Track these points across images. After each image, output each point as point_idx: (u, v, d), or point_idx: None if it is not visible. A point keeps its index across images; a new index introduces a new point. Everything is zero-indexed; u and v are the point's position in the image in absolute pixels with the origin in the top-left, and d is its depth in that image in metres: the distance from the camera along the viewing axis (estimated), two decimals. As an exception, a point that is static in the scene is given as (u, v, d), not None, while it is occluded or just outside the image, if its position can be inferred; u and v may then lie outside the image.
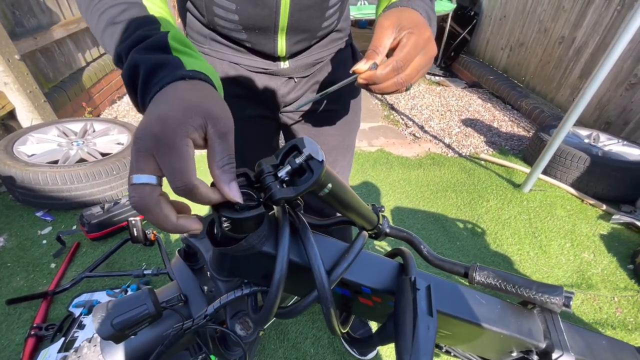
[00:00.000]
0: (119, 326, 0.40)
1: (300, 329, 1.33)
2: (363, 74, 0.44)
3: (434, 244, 1.79)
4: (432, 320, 0.32)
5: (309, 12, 0.61)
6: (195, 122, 0.30)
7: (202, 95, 0.33)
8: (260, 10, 0.59)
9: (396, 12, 0.46)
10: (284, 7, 0.59)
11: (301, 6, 0.60)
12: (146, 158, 0.29)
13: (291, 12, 0.60)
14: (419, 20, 0.45)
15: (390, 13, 0.46)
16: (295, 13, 0.60)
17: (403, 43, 0.43)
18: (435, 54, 0.46)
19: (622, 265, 1.72)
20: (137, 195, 0.28)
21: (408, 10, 0.47)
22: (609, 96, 2.62)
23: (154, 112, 0.30)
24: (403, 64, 0.43)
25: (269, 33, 0.63)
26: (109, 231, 1.61)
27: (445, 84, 3.96)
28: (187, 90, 0.33)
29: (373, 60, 0.43)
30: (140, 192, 0.28)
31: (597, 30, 2.72)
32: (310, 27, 0.64)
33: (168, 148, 0.28)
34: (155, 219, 0.29)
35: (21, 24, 2.08)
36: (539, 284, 0.42)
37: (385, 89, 0.44)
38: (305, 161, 0.30)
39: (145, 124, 0.29)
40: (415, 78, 0.45)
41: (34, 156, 1.78)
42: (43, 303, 1.29)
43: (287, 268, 0.32)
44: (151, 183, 0.28)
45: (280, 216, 0.34)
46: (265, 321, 0.36)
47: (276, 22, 0.61)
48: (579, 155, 2.11)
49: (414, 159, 2.55)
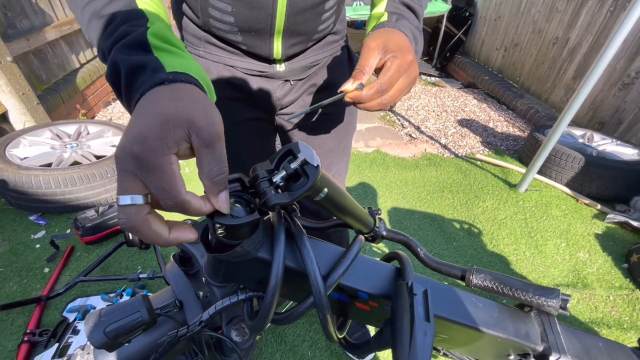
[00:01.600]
0: (112, 334, 0.39)
1: (297, 331, 1.32)
2: (350, 94, 0.47)
3: (430, 245, 1.79)
4: (429, 326, 0.31)
5: (305, 15, 0.61)
6: (176, 136, 0.28)
7: (182, 103, 0.30)
8: (257, 12, 0.59)
9: (383, 34, 0.50)
10: (280, 10, 0.59)
11: (297, 9, 0.59)
12: (130, 178, 0.28)
13: (287, 15, 0.59)
14: (404, 43, 0.49)
15: (378, 34, 0.50)
16: (292, 16, 0.60)
17: (387, 67, 0.47)
18: (417, 76, 0.50)
19: (617, 264, 1.73)
20: (124, 217, 0.27)
21: (394, 32, 0.51)
22: (603, 96, 2.65)
23: (133, 130, 0.28)
24: (387, 87, 0.46)
25: (265, 35, 0.63)
26: (104, 235, 1.59)
27: (441, 84, 3.97)
28: (166, 99, 0.30)
29: (359, 81, 0.46)
30: (126, 213, 0.27)
31: (590, 31, 2.75)
32: (306, 30, 0.64)
33: (150, 169, 0.27)
34: (146, 237, 0.28)
35: (13, 26, 2.06)
36: (536, 287, 0.42)
37: (369, 107, 0.48)
38: (301, 166, 0.29)
39: (123, 144, 0.28)
40: (398, 98, 0.49)
41: (26, 159, 1.76)
42: (36, 308, 1.27)
43: (283, 274, 0.32)
44: (137, 203, 0.27)
45: (275, 221, 0.34)
46: (261, 328, 0.35)
47: (272, 24, 0.61)
48: (574, 155, 2.13)
49: (411, 159, 2.56)
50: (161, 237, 0.29)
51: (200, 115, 0.29)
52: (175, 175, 0.28)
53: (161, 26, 0.38)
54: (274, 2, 0.57)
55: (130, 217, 0.27)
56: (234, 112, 0.77)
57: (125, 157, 0.27)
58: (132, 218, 0.27)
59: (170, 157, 0.28)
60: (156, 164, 0.27)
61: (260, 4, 0.57)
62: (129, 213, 0.27)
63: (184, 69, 0.34)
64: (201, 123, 0.29)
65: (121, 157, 0.27)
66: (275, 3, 0.57)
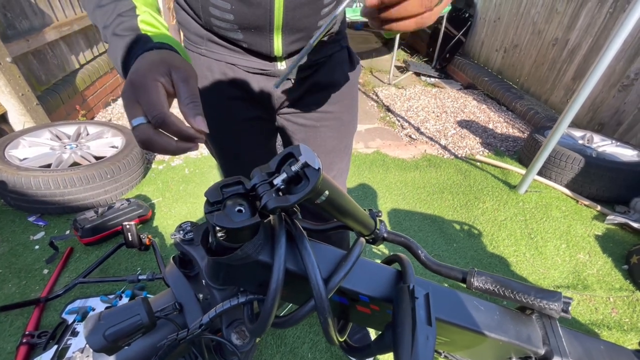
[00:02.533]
0: (111, 337, 0.39)
1: (297, 333, 1.32)
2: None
3: (430, 246, 1.79)
4: (431, 330, 0.31)
5: (304, 10, 0.61)
6: (160, 69, 0.39)
7: (166, 55, 0.42)
8: (255, 9, 0.59)
9: None
10: (277, 6, 0.59)
11: (295, 4, 0.60)
12: (133, 104, 0.37)
13: (285, 10, 0.60)
14: None
15: None
16: (290, 11, 0.60)
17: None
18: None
19: (617, 266, 1.73)
20: (139, 134, 0.37)
21: None
22: (602, 97, 2.65)
23: (131, 71, 0.39)
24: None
25: (265, 32, 0.63)
26: (103, 236, 1.59)
27: (441, 85, 3.98)
28: (155, 54, 0.42)
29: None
30: (140, 131, 0.37)
31: (590, 32, 2.75)
32: (305, 26, 0.64)
33: (142, 88, 0.37)
34: (159, 146, 0.38)
35: (13, 26, 2.06)
36: (537, 290, 0.41)
37: (405, 11, 0.32)
38: (301, 169, 0.29)
39: (126, 81, 0.38)
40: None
41: (26, 160, 1.76)
42: (35, 310, 1.27)
43: (284, 277, 0.31)
44: (145, 122, 0.37)
45: (276, 224, 0.33)
46: (262, 331, 0.35)
47: (271, 20, 0.61)
48: (574, 157, 2.13)
49: (410, 160, 2.55)
50: (171, 144, 0.38)
51: (178, 61, 0.41)
52: (160, 94, 0.38)
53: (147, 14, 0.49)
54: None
55: (142, 132, 0.37)
56: (235, 111, 0.77)
57: (126, 88, 0.38)
58: (144, 133, 0.37)
59: (157, 82, 0.38)
60: (146, 84, 0.37)
61: (258, 0, 0.58)
62: (142, 130, 0.37)
63: (167, 42, 0.46)
64: (179, 65, 0.40)
65: (124, 89, 0.38)
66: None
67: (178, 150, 0.39)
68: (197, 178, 2.17)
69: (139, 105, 0.37)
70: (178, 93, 0.39)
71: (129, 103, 0.37)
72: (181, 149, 0.39)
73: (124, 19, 0.47)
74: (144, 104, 0.37)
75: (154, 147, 0.38)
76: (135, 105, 0.37)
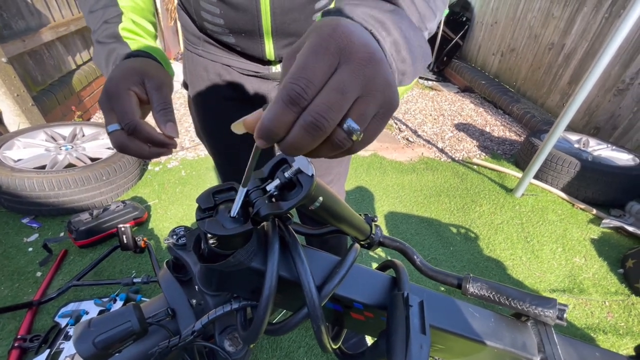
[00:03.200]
0: (101, 345, 0.38)
1: (293, 337, 1.31)
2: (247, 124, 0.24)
3: (427, 249, 1.79)
4: (425, 339, 0.31)
5: (293, 15, 0.61)
6: (134, 78, 0.42)
7: (140, 63, 0.45)
8: (242, 14, 0.59)
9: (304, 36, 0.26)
10: (264, 11, 0.59)
11: (283, 9, 0.59)
12: (109, 112, 0.41)
13: (274, 15, 0.60)
14: (332, 21, 0.24)
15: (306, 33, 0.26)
16: (279, 16, 0.60)
17: (300, 53, 0.23)
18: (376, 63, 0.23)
19: (612, 270, 1.74)
20: (114, 140, 0.41)
21: (329, 19, 0.25)
22: (598, 102, 2.67)
23: (107, 80, 0.43)
24: (300, 86, 0.21)
25: (255, 37, 0.63)
26: (98, 238, 1.57)
27: (438, 88, 3.99)
28: (130, 62, 0.45)
29: None
30: (115, 137, 0.41)
31: (585, 37, 2.78)
32: (296, 31, 0.64)
33: (115, 97, 0.41)
34: (132, 151, 0.42)
35: (9, 27, 2.04)
36: (533, 296, 0.41)
37: (297, 145, 0.22)
38: (295, 175, 0.29)
39: (102, 89, 0.42)
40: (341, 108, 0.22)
41: (20, 161, 1.74)
42: (28, 313, 1.25)
43: (277, 284, 0.31)
44: (119, 129, 0.41)
45: (269, 231, 0.33)
46: (254, 339, 0.34)
47: (259, 25, 0.61)
48: (570, 160, 2.14)
49: (408, 163, 2.56)
50: (143, 150, 0.42)
51: (152, 69, 0.44)
52: (132, 103, 0.41)
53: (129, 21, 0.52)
54: (257, 4, 0.58)
55: (116, 138, 0.41)
56: (230, 112, 0.77)
57: (102, 96, 0.42)
58: (118, 139, 0.41)
59: (129, 91, 0.41)
60: (119, 94, 0.41)
61: (244, 5, 0.58)
62: (116, 136, 0.41)
63: (145, 49, 0.49)
64: (152, 74, 0.43)
65: (100, 97, 0.42)
66: (258, 4, 0.58)
67: (151, 154, 0.43)
68: (194, 180, 2.16)
69: (113, 112, 0.41)
70: (151, 100, 0.43)
71: (105, 110, 0.41)
72: (154, 153, 0.43)
73: (108, 26, 0.50)
74: (117, 112, 0.40)
75: (128, 151, 0.42)
76: (110, 112, 0.41)
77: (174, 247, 0.48)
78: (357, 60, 0.22)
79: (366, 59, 0.22)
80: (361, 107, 0.22)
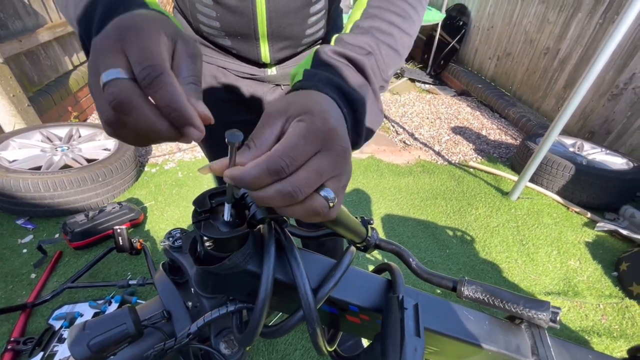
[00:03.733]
0: (95, 347, 0.38)
1: (289, 339, 1.30)
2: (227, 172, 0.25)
3: (424, 252, 1.79)
4: (419, 341, 0.31)
5: (289, 19, 0.62)
6: (167, 29, 0.28)
7: (171, 22, 0.30)
8: (238, 17, 0.60)
9: (288, 97, 0.32)
10: (260, 14, 0.59)
11: (279, 13, 0.60)
12: (111, 53, 0.25)
13: (269, 19, 0.60)
14: (315, 103, 0.29)
15: (282, 98, 0.32)
16: (274, 20, 0.61)
17: (287, 133, 0.26)
18: (348, 154, 0.28)
19: (606, 273, 1.75)
20: (115, 92, 0.24)
21: (305, 93, 0.32)
22: (592, 106, 2.70)
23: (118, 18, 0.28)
24: (284, 162, 0.24)
25: (251, 40, 0.64)
26: (93, 240, 1.56)
27: (435, 91, 4.02)
28: (155, 14, 0.30)
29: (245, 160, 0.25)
30: (117, 87, 0.24)
31: (580, 43, 2.81)
32: (292, 34, 0.65)
33: (134, 30, 0.26)
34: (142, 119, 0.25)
35: (5, 27, 2.04)
36: (526, 299, 0.42)
37: (265, 199, 0.25)
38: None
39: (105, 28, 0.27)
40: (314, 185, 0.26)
41: (15, 162, 1.73)
42: (21, 315, 1.24)
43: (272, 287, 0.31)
44: (125, 78, 0.25)
45: (265, 233, 0.33)
46: (250, 341, 0.35)
47: (255, 28, 0.61)
48: (565, 164, 2.16)
49: (404, 166, 2.57)
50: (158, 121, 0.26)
51: (186, 35, 0.31)
52: (160, 43, 0.27)
53: None
54: (253, 7, 0.58)
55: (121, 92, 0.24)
56: (225, 114, 0.77)
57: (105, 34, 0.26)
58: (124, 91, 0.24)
59: (159, 33, 0.27)
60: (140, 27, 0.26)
61: (241, 9, 0.58)
62: (119, 87, 0.24)
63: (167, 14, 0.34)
64: (190, 38, 0.31)
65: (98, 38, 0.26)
66: (254, 7, 0.58)
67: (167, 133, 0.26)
68: (191, 182, 2.15)
69: (122, 54, 0.25)
70: (179, 69, 0.28)
71: (105, 52, 0.25)
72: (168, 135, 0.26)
73: None
74: (135, 49, 0.25)
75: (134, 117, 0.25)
76: (115, 54, 0.25)
77: (170, 249, 0.48)
78: (335, 151, 0.27)
79: (342, 151, 0.27)
80: (334, 183, 0.27)
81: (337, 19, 0.74)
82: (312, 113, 0.27)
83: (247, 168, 0.24)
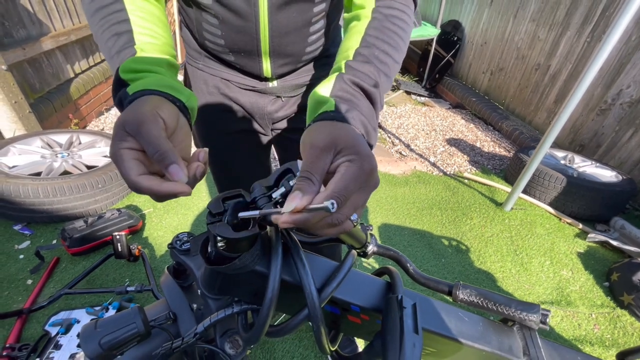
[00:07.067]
0: (106, 345, 0.39)
1: (287, 347, 1.30)
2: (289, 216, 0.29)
3: (420, 261, 1.81)
4: (417, 338, 0.33)
5: (290, 38, 0.65)
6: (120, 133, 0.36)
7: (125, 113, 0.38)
8: (242, 36, 0.63)
9: (330, 128, 0.37)
10: (263, 33, 0.63)
11: (280, 32, 0.63)
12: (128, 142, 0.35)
13: (271, 37, 0.64)
14: (361, 145, 0.36)
15: (323, 128, 0.38)
16: (276, 39, 0.64)
17: (342, 173, 0.32)
18: (376, 187, 0.35)
19: (598, 283, 1.78)
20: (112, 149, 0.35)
21: (345, 129, 0.38)
22: (582, 120, 2.78)
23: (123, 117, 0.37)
24: (342, 200, 0.30)
25: (254, 56, 0.67)
26: (92, 246, 1.56)
27: (431, 104, 4.10)
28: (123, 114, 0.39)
29: (310, 196, 0.30)
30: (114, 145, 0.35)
31: (569, 59, 2.91)
32: (293, 52, 0.68)
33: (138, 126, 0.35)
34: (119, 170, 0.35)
35: (10, 35, 2.07)
36: (518, 302, 0.44)
37: (314, 229, 0.32)
38: (299, 184, 0.31)
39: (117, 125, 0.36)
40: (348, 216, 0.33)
41: (15, 168, 1.73)
42: (17, 321, 1.23)
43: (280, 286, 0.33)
44: None
45: (273, 236, 0.35)
46: (256, 340, 0.36)
47: (258, 46, 0.65)
48: (556, 176, 2.21)
49: (401, 176, 2.60)
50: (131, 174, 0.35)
51: (129, 115, 0.37)
52: (125, 160, 0.35)
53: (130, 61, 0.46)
54: (257, 27, 0.62)
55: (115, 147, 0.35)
56: (227, 123, 0.80)
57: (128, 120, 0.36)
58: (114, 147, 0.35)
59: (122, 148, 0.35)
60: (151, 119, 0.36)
61: (245, 28, 0.62)
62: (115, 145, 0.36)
63: (142, 87, 0.42)
64: (128, 118, 0.36)
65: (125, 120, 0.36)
66: (257, 27, 0.62)
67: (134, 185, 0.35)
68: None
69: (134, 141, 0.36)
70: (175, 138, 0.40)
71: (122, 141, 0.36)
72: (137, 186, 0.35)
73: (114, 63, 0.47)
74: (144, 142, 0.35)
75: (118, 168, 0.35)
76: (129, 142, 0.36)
77: (177, 252, 0.50)
78: (370, 188, 0.34)
79: (374, 186, 0.35)
80: (361, 210, 0.35)
81: (335, 36, 0.78)
82: (360, 155, 0.34)
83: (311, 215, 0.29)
